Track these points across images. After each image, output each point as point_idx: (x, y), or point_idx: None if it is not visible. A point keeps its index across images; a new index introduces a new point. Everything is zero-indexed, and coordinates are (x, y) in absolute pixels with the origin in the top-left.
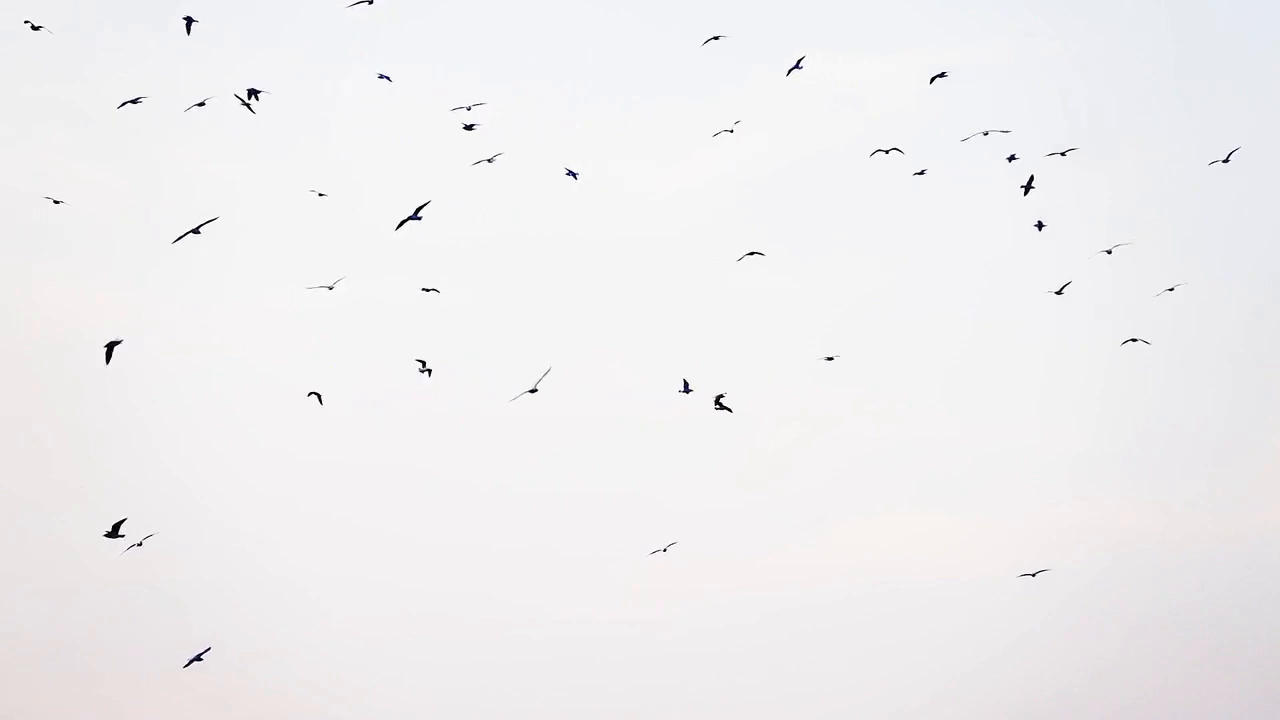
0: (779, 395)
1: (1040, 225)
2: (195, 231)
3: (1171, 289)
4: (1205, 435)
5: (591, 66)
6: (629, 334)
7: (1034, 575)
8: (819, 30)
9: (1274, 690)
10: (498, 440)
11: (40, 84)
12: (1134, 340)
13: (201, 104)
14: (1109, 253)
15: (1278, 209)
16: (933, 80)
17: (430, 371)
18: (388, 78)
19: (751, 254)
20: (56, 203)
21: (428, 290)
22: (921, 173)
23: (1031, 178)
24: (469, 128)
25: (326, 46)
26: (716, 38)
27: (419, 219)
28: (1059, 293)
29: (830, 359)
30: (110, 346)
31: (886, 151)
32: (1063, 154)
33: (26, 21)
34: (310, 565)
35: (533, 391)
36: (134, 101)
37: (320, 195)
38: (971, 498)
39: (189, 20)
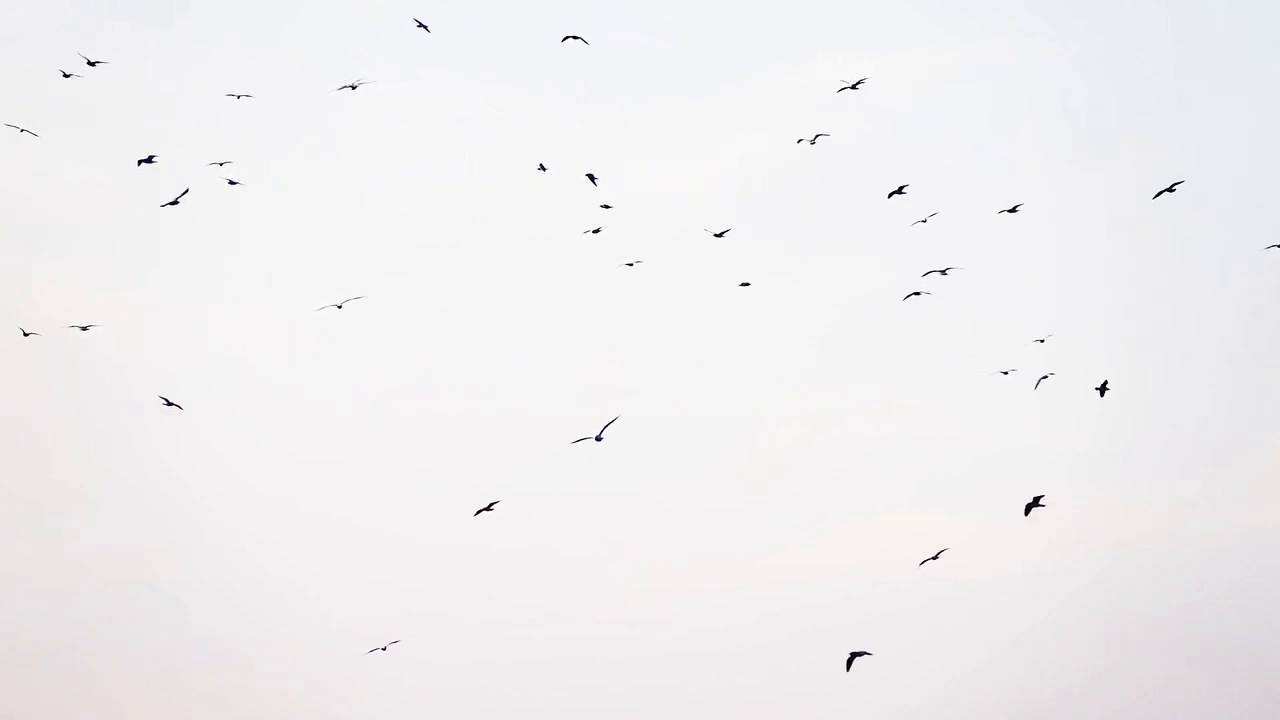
0: (779, 395)
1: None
2: (338, 307)
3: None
4: (1205, 435)
5: (592, 66)
6: (629, 333)
7: (935, 558)
8: (819, 30)
9: (1274, 690)
10: (497, 440)
11: (40, 84)
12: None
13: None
14: (1041, 341)
15: (1277, 209)
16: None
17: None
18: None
19: (744, 284)
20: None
21: (631, 265)
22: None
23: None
24: (354, 87)
25: (327, 47)
26: (576, 37)
27: None
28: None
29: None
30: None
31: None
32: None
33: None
34: (310, 565)
35: (598, 439)
36: (149, 160)
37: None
38: (971, 498)
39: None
